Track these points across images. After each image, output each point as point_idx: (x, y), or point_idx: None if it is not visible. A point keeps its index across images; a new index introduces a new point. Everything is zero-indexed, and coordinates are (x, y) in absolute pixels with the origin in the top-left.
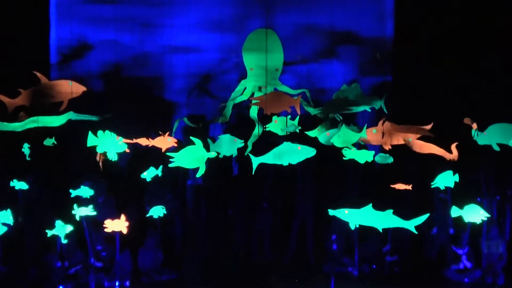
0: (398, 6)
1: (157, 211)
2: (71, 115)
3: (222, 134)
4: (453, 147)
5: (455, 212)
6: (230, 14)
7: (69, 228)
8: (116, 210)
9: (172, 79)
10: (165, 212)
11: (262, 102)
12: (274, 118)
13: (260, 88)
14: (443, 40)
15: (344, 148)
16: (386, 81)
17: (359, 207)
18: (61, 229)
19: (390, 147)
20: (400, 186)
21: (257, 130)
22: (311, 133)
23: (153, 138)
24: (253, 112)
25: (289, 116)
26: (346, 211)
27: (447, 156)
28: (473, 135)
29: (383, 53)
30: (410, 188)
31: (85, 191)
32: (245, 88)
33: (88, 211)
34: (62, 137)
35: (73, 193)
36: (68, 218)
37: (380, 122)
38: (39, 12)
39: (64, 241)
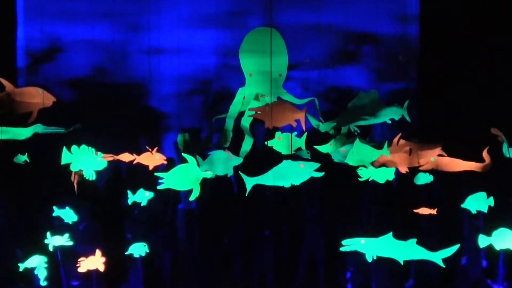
0: (425, 1)
1: (138, 249)
2: (38, 128)
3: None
4: (485, 153)
5: (483, 241)
6: (227, 9)
7: (43, 260)
8: (93, 241)
9: (160, 86)
10: (147, 251)
11: (263, 114)
12: (278, 134)
13: (257, 97)
14: (476, 40)
15: (360, 167)
16: (409, 87)
17: (377, 236)
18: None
19: (407, 170)
20: (424, 211)
21: (248, 145)
22: (323, 149)
23: (138, 154)
24: (246, 121)
25: (295, 133)
26: (362, 240)
27: (480, 167)
28: (504, 151)
29: (406, 55)
30: (435, 213)
31: (68, 215)
32: (244, 97)
33: (63, 240)
34: (31, 154)
35: (56, 212)
36: (40, 248)
37: (395, 139)
38: (4, 8)
39: (44, 283)
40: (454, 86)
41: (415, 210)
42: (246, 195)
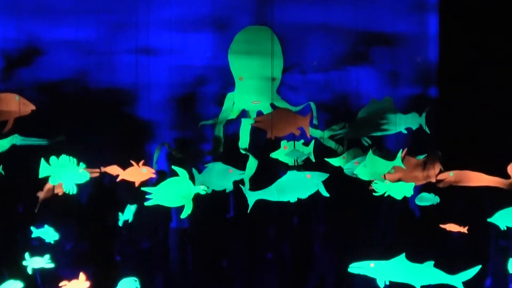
0: None
1: (128, 285)
2: (15, 139)
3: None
4: (510, 168)
5: None
6: (221, 7)
7: (18, 285)
8: (77, 263)
9: (149, 91)
10: (138, 287)
11: (265, 123)
12: (283, 143)
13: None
14: (506, 39)
15: (375, 181)
16: (428, 93)
17: (389, 258)
18: None
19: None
20: (452, 227)
21: (253, 161)
22: (335, 161)
23: (123, 169)
24: (244, 140)
25: (301, 141)
26: (371, 263)
27: (504, 184)
28: None
29: (424, 57)
30: (466, 231)
31: (48, 234)
32: (234, 103)
33: (43, 262)
34: (7, 167)
35: (35, 232)
36: (16, 271)
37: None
38: None
39: None
40: (479, 92)
41: (442, 226)
42: (248, 211)
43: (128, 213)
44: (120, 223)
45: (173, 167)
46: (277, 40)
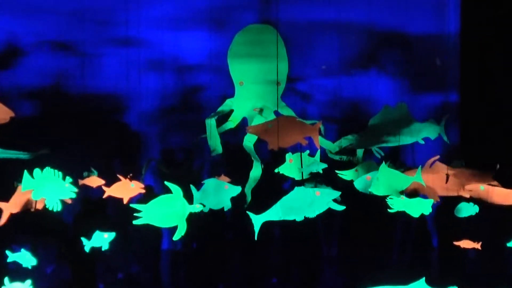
0: None
1: None
2: None
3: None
4: None
5: None
6: (219, 4)
7: None
8: None
9: (139, 99)
10: None
11: (264, 133)
12: (288, 156)
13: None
14: None
15: (389, 196)
16: (448, 99)
17: (408, 283)
18: None
19: (438, 199)
20: (466, 244)
21: (258, 171)
22: (346, 175)
23: (108, 185)
24: (249, 141)
25: (307, 152)
26: None
27: None
28: None
29: (445, 59)
30: (479, 247)
31: (24, 258)
32: (232, 110)
33: None
34: None
35: (11, 257)
36: None
37: (429, 162)
38: None
39: None
40: (503, 97)
41: (456, 243)
42: (256, 238)
43: (98, 240)
44: (87, 249)
45: (166, 183)
46: (281, 40)
